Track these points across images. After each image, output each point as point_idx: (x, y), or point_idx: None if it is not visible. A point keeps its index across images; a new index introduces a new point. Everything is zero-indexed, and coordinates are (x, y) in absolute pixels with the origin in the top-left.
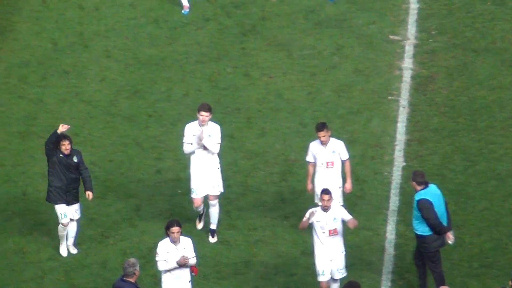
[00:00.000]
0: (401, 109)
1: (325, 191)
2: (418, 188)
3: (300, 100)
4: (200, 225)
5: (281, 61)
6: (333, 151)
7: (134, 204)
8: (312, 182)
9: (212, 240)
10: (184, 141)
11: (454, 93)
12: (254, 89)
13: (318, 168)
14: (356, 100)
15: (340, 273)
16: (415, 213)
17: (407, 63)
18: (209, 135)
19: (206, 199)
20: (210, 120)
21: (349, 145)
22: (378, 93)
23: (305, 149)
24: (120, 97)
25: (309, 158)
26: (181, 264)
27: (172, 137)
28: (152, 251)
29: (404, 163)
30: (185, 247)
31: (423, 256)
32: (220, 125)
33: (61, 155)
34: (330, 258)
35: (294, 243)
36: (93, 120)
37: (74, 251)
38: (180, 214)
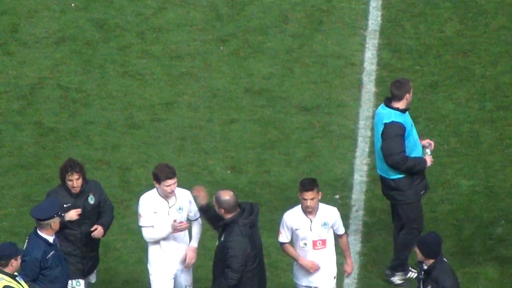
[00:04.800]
0: None
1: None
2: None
3: None
4: None
5: None
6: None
7: (9, 23)
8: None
9: None
10: (141, 224)
11: None
12: None
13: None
14: None
15: None
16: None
17: None
18: (179, 208)
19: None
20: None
21: None
22: None
23: None
24: None
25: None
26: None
27: None
28: (36, 88)
29: None
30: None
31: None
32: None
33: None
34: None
35: None
36: None
37: None
38: (75, 38)
